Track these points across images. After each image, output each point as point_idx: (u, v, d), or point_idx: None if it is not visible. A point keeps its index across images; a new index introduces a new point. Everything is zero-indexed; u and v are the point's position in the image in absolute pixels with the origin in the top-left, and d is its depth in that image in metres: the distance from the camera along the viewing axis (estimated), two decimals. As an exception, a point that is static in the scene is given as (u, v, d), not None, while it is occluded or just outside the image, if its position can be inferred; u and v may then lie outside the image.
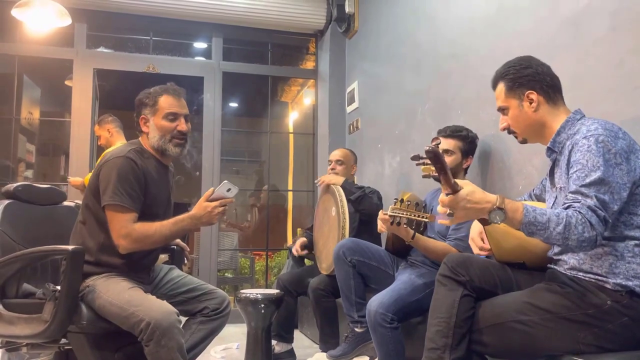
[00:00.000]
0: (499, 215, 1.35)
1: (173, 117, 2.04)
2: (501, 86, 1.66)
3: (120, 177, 1.90)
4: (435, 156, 1.32)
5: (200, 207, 1.95)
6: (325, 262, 2.94)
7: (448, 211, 1.39)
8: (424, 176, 1.63)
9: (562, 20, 2.10)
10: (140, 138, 2.11)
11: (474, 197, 1.36)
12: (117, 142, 3.74)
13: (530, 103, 1.60)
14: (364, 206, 3.00)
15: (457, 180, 1.39)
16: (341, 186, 3.04)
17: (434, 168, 1.37)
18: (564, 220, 1.33)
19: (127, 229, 1.88)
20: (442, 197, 1.39)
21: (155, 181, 2.02)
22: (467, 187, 1.37)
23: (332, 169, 3.32)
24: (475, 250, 1.79)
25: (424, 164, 1.42)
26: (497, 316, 1.50)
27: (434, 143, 1.33)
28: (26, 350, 2.16)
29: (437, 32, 3.07)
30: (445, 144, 2.39)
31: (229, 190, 1.95)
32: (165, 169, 2.11)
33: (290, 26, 4.69)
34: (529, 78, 1.61)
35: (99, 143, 3.92)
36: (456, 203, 1.36)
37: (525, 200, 1.89)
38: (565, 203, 1.41)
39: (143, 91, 2.09)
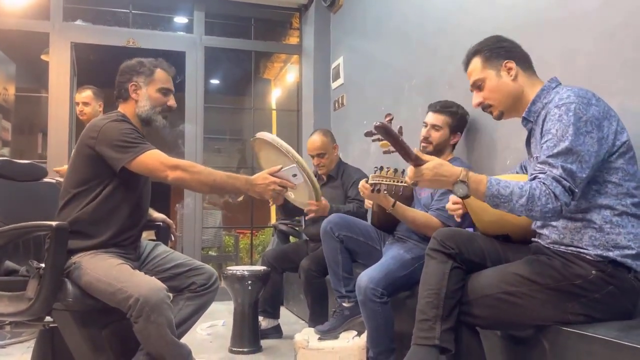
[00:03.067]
0: (462, 188, 1.41)
1: (166, 92, 2.08)
2: (476, 60, 1.66)
3: (124, 132, 1.88)
4: (385, 131, 1.38)
5: (261, 176, 1.92)
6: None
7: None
8: (385, 152, 1.66)
9: (552, -7, 2.09)
10: (121, 107, 2.07)
11: (439, 170, 1.44)
12: None
13: (509, 72, 1.61)
14: (352, 193, 3.03)
15: (424, 156, 1.45)
16: (329, 212, 2.81)
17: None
18: (527, 192, 1.37)
19: (170, 160, 1.87)
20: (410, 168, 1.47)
21: None
22: (434, 160, 1.45)
23: (317, 164, 3.19)
24: (448, 204, 1.82)
25: (379, 139, 1.45)
26: (486, 288, 1.52)
27: (386, 119, 1.36)
28: (9, 329, 2.12)
29: (424, 7, 3.03)
30: (434, 119, 2.39)
31: (294, 175, 1.93)
32: None
33: (274, 0, 4.60)
34: (506, 49, 1.63)
35: (83, 114, 3.55)
36: (420, 174, 1.44)
37: (517, 172, 1.90)
38: (532, 174, 1.44)
39: (133, 60, 2.08)
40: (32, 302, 1.73)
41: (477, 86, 1.66)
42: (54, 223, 1.74)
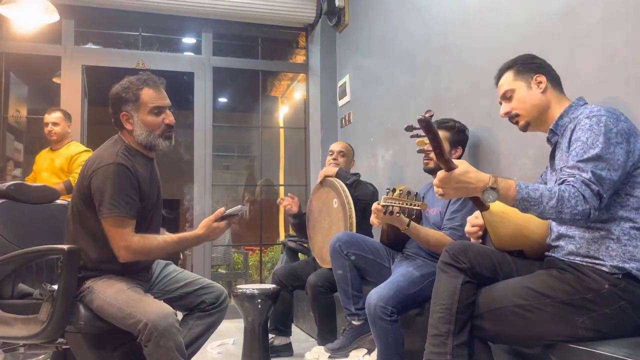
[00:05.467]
0: (492, 194, 1.41)
1: (158, 110, 1.98)
2: (508, 74, 1.74)
3: (116, 186, 1.85)
4: (427, 125, 1.35)
5: (209, 228, 1.95)
6: (328, 257, 2.92)
7: (440, 191, 1.46)
8: (419, 151, 1.64)
9: (555, 11, 2.11)
10: (120, 134, 2.03)
11: (467, 177, 1.42)
12: (70, 140, 3.78)
13: (539, 85, 1.68)
14: (359, 191, 3.00)
15: (453, 160, 1.42)
16: (336, 174, 3.03)
17: (427, 141, 1.38)
18: (557, 194, 1.38)
19: (127, 241, 1.85)
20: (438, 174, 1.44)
21: (146, 179, 1.99)
22: (462, 166, 1.43)
23: (334, 159, 3.29)
24: (467, 227, 1.82)
25: (417, 135, 1.43)
26: (497, 301, 1.52)
27: (427, 114, 1.34)
28: (23, 350, 2.14)
29: (428, 25, 3.07)
30: None
31: (236, 214, 2.00)
32: (150, 162, 2.07)
33: (280, 20, 4.67)
34: (538, 65, 1.72)
35: (52, 134, 3.73)
36: (449, 181, 1.42)
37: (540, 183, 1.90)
38: (560, 178, 1.45)
39: (118, 85, 1.99)
40: (45, 325, 1.75)
41: (507, 97, 1.73)
42: (65, 247, 1.77)
